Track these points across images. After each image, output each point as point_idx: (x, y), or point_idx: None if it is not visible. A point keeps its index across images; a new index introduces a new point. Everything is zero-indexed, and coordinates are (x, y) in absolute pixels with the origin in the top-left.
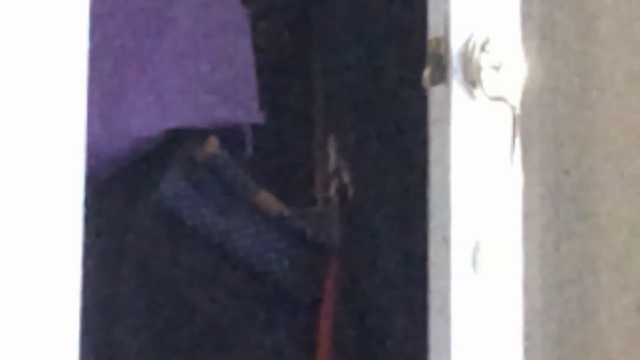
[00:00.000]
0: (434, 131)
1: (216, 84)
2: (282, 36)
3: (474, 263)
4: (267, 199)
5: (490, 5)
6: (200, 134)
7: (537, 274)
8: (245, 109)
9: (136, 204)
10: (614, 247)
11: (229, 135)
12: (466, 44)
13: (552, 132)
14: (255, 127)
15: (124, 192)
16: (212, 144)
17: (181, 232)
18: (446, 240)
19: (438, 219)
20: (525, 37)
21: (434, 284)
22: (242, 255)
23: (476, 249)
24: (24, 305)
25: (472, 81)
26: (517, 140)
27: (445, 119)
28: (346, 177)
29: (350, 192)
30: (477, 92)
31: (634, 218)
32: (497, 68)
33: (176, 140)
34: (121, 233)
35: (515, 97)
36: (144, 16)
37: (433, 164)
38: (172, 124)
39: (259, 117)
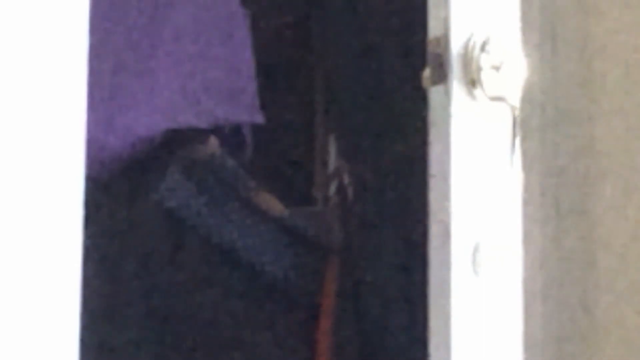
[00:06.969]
0: (434, 131)
1: (216, 84)
2: (282, 36)
3: (474, 263)
4: (267, 199)
5: (490, 5)
6: (200, 134)
7: (537, 274)
8: (245, 109)
9: (136, 204)
10: (614, 246)
11: (229, 135)
12: (466, 44)
13: (552, 132)
14: (255, 127)
15: (124, 192)
16: (212, 144)
17: (181, 232)
18: (446, 241)
19: (438, 219)
20: (525, 37)
21: (434, 284)
22: (241, 255)
23: (476, 250)
24: (24, 305)
25: (472, 81)
26: (517, 140)
27: (445, 119)
28: (346, 178)
29: (350, 192)
30: (477, 92)
31: (635, 218)
32: (497, 68)
33: (176, 140)
34: (121, 233)
35: (515, 97)
36: (144, 16)
37: (433, 164)
38: (172, 124)
39: (259, 117)
